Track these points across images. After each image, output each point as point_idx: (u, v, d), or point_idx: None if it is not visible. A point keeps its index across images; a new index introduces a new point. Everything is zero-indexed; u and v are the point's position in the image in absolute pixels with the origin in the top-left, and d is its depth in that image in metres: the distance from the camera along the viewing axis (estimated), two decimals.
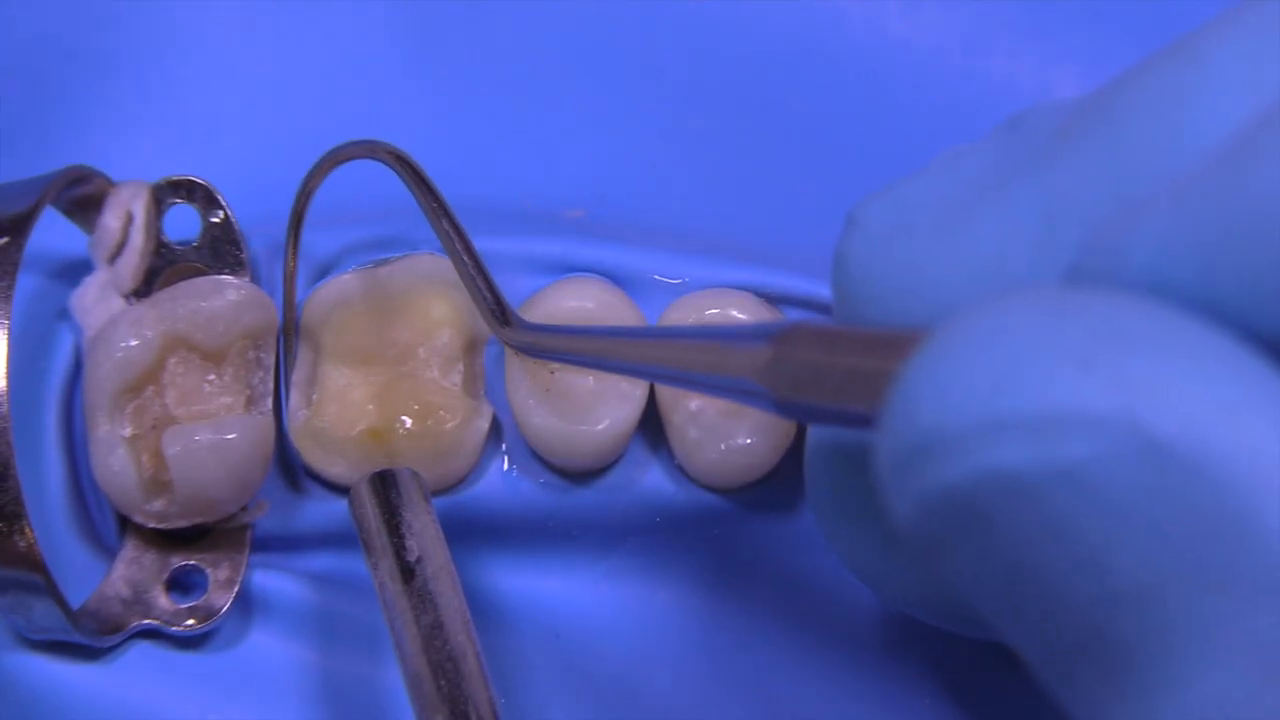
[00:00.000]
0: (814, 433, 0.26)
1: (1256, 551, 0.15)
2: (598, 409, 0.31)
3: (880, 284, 0.22)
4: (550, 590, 0.33)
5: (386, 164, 0.31)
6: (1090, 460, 0.16)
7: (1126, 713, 0.16)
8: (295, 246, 0.32)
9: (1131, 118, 0.19)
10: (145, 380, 0.31)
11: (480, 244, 0.33)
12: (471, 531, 0.32)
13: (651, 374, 0.25)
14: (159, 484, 0.30)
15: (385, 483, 0.29)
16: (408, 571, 0.28)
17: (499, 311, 0.30)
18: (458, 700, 0.26)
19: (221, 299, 0.31)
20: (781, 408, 0.21)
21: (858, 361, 0.19)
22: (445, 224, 0.30)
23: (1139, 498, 0.15)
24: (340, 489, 0.32)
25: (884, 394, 0.18)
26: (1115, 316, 0.16)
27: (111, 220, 0.32)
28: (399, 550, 0.28)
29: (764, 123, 0.38)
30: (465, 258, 0.30)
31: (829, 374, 0.20)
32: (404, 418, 0.31)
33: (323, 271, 0.33)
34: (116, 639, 0.30)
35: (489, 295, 0.30)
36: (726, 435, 0.31)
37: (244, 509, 0.31)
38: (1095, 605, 0.16)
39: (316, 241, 0.34)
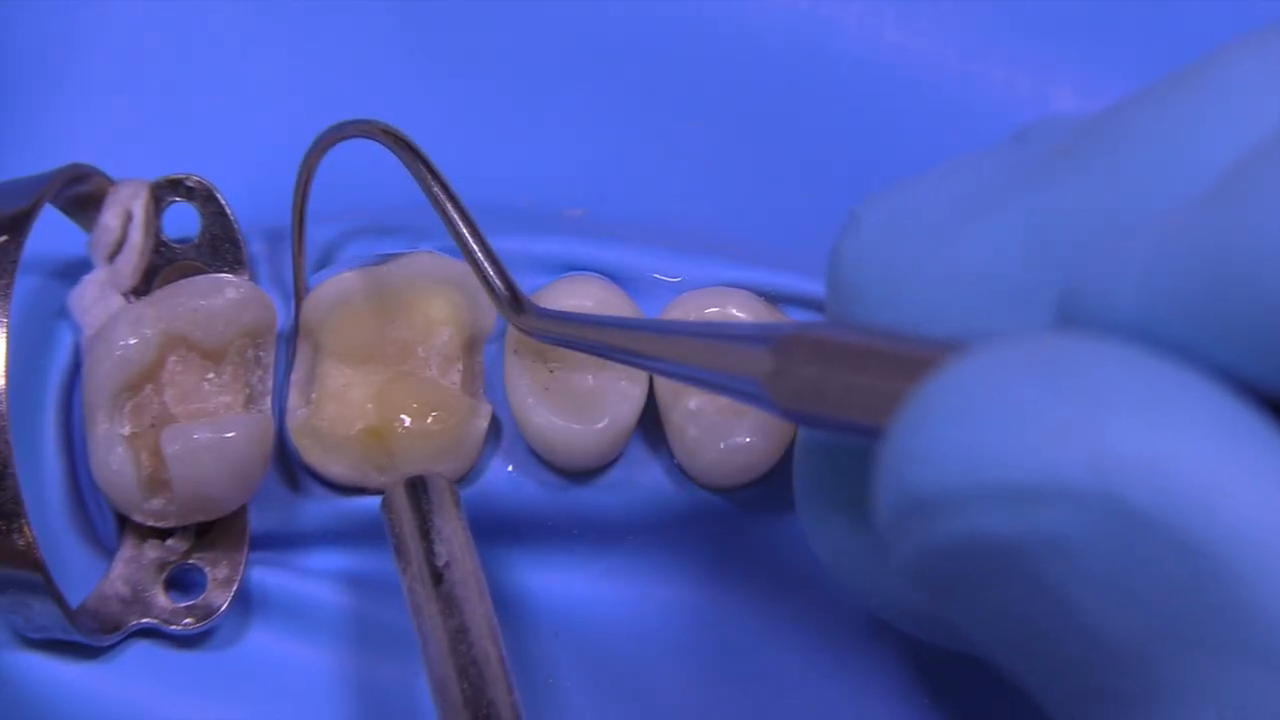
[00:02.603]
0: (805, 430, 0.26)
1: (1240, 618, 0.15)
2: (597, 408, 0.31)
3: (871, 285, 0.22)
4: (549, 589, 0.33)
5: (384, 144, 0.31)
6: (1070, 528, 0.16)
7: None
8: (301, 228, 0.32)
9: (1131, 143, 0.19)
10: (144, 379, 0.31)
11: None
12: (471, 530, 0.32)
13: (658, 368, 0.25)
14: (158, 482, 0.30)
15: (418, 488, 0.29)
16: (436, 576, 0.28)
17: (511, 297, 0.29)
18: (480, 704, 0.26)
19: (221, 298, 0.31)
20: (784, 413, 0.21)
21: (858, 379, 0.19)
22: (450, 207, 0.30)
23: (1121, 565, 0.16)
24: (339, 488, 0.32)
25: (883, 414, 0.18)
26: (1096, 371, 0.16)
27: (110, 219, 0.32)
28: (428, 555, 0.28)
29: (763, 124, 0.38)
30: (472, 242, 0.30)
31: (830, 387, 0.20)
32: (403, 416, 0.31)
33: (321, 267, 0.33)
34: (115, 638, 0.30)
35: (500, 281, 0.29)
36: (726, 434, 0.31)
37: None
38: (1086, 660, 0.16)
39: (316, 238, 0.34)
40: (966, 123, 0.38)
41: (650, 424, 0.32)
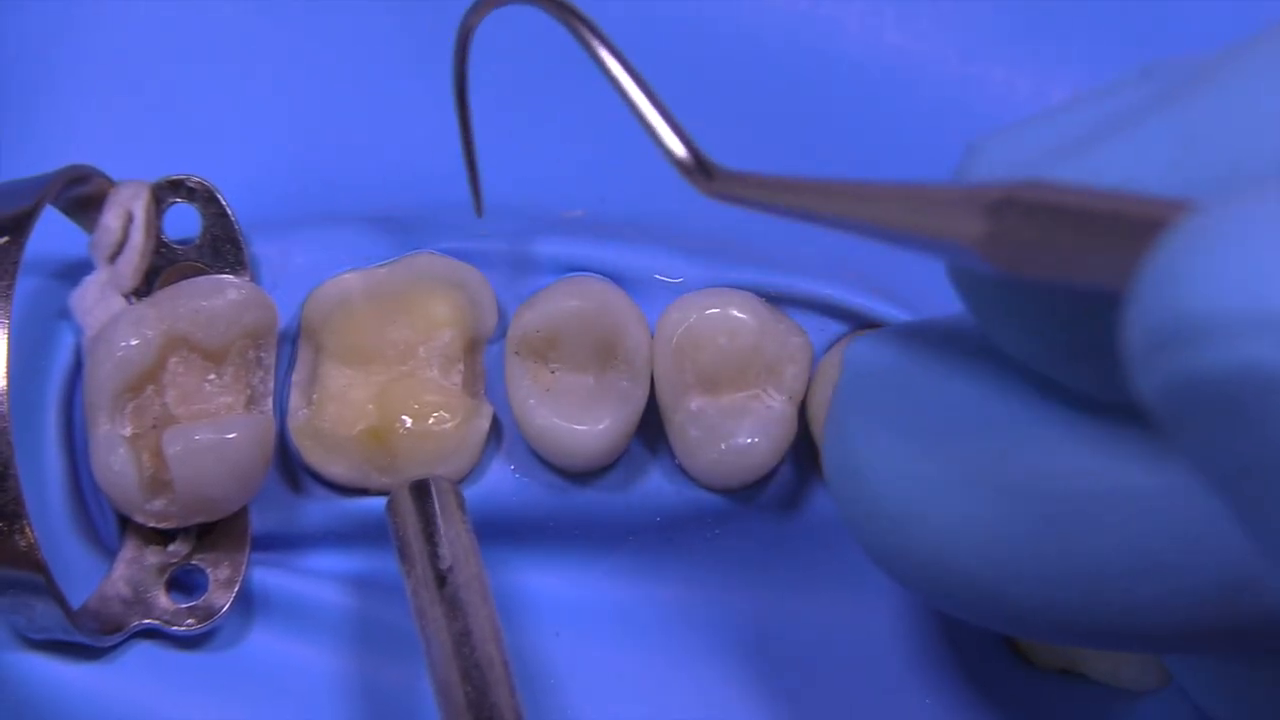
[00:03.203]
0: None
1: None
2: (598, 409, 0.31)
3: None
4: (550, 589, 0.33)
5: (541, 8, 0.29)
6: None
7: None
8: (465, 101, 0.31)
9: None
10: (146, 379, 0.31)
11: (480, 244, 0.33)
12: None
13: (859, 229, 0.24)
14: (159, 483, 0.30)
15: (423, 491, 0.29)
16: (440, 579, 0.28)
17: (696, 163, 0.27)
18: (483, 708, 0.26)
19: (222, 298, 0.31)
20: (998, 274, 0.20)
21: (1083, 239, 0.19)
22: (620, 71, 0.28)
23: None
24: (340, 489, 0.32)
25: (1113, 272, 0.18)
26: None
27: (112, 220, 0.32)
28: (433, 558, 0.28)
29: (762, 125, 0.38)
30: (650, 107, 0.28)
31: (1052, 249, 0.19)
32: (404, 417, 0.31)
33: (322, 271, 0.33)
34: (117, 639, 0.30)
35: (686, 144, 0.27)
36: (727, 435, 0.31)
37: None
38: None
39: (313, 240, 0.34)
40: (966, 121, 0.38)
41: (651, 425, 0.32)
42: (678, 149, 0.27)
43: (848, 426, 0.25)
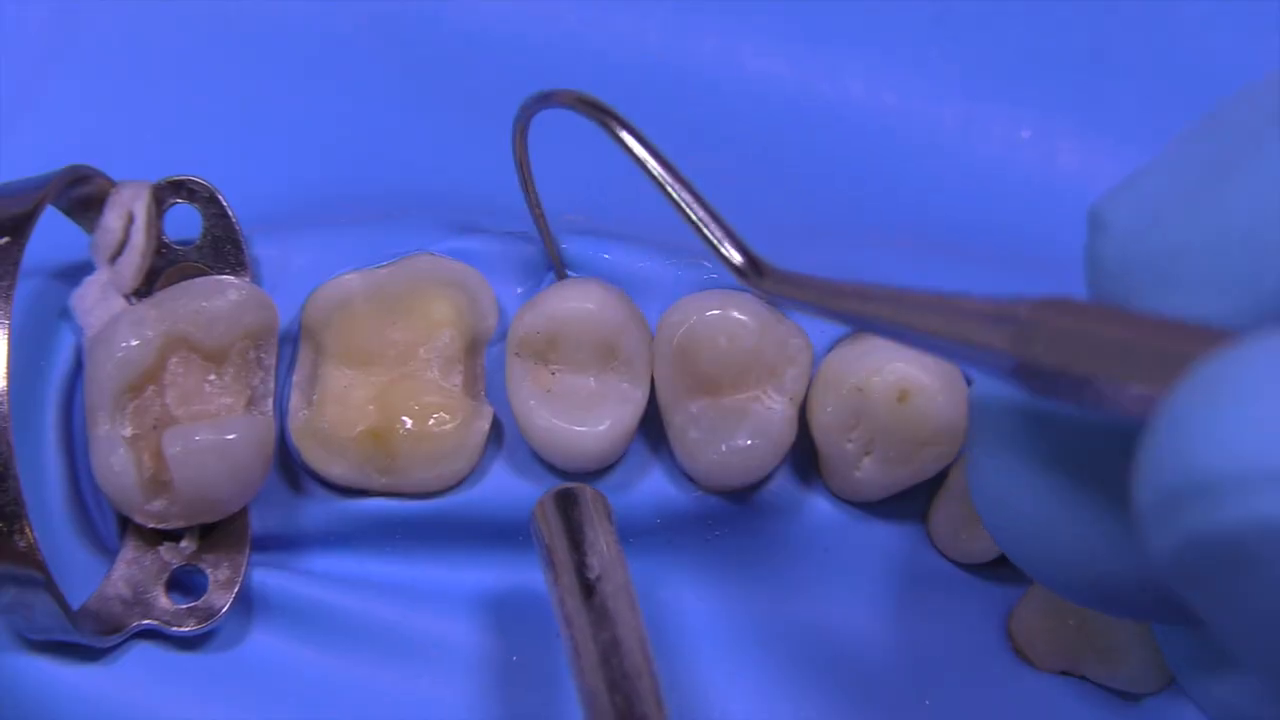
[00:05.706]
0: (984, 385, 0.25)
1: None
2: (598, 410, 0.31)
3: (1137, 278, 0.21)
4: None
5: (582, 113, 0.29)
6: None
7: None
8: (533, 196, 0.31)
9: None
10: (146, 380, 0.31)
11: (481, 245, 0.33)
12: (472, 532, 0.32)
13: (899, 335, 0.24)
14: (159, 484, 0.30)
15: (569, 500, 0.29)
16: (587, 588, 0.28)
17: (748, 262, 0.28)
18: (631, 718, 0.26)
19: (222, 299, 0.31)
20: (1029, 390, 0.20)
21: (1111, 367, 0.18)
22: (663, 174, 0.29)
23: None
24: (340, 489, 0.32)
25: (1138, 405, 0.17)
26: None
27: (112, 220, 0.32)
28: (580, 567, 0.28)
29: (761, 152, 0.39)
30: (695, 208, 0.28)
31: (1077, 373, 0.19)
32: (404, 418, 0.31)
33: (323, 272, 0.33)
34: (116, 639, 0.30)
35: (738, 246, 0.28)
36: (727, 437, 0.31)
37: None
38: None
39: (313, 241, 0.34)
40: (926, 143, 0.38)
41: (652, 426, 0.32)
42: (733, 255, 0.28)
43: (979, 462, 0.25)
